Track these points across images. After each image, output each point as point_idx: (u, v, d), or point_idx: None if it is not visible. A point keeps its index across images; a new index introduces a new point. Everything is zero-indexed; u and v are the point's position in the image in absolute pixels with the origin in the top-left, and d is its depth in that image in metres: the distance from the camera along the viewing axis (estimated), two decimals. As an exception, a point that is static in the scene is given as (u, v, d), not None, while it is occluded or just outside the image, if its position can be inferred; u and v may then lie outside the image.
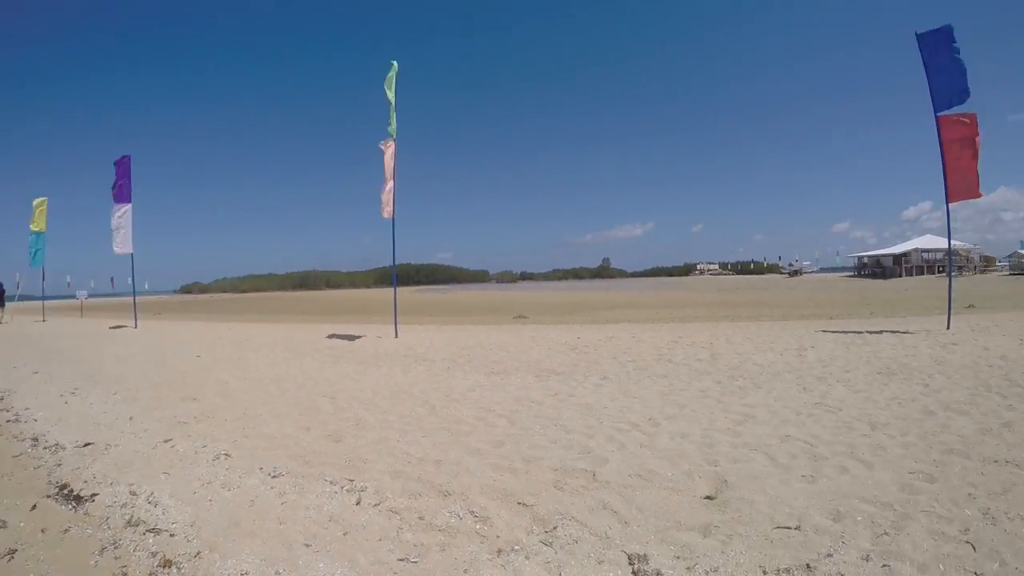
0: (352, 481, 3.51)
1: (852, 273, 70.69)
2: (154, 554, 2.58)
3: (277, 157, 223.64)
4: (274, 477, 3.64)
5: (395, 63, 12.90)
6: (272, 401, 6.12)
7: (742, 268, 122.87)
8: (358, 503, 3.17)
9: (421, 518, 2.93)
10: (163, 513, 3.06)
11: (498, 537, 2.72)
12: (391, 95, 12.88)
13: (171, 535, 2.78)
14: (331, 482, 3.51)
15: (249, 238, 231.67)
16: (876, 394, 5.65)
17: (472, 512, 2.99)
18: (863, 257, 69.65)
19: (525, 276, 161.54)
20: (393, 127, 12.97)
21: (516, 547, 2.61)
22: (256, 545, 2.65)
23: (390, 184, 12.95)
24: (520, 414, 5.22)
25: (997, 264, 58.32)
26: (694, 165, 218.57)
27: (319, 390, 6.74)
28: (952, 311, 11.33)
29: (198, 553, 2.58)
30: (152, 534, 2.79)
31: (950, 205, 10.76)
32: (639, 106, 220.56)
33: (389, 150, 12.95)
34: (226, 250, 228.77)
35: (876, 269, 62.30)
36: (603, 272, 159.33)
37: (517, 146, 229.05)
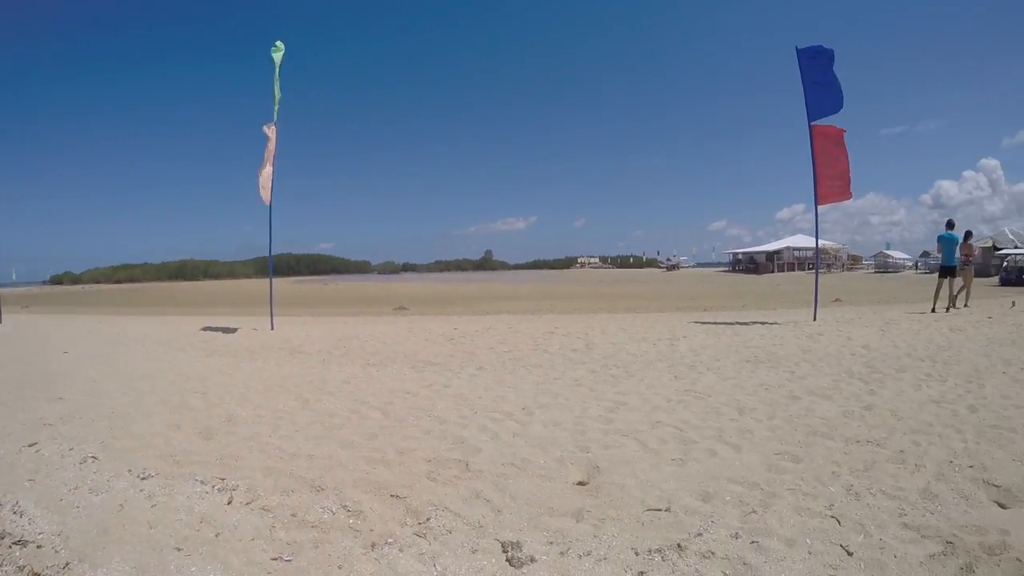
0: (223, 480, 3.41)
1: (727, 268, 75.16)
2: (21, 568, 2.45)
3: (151, 141, 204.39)
4: (143, 479, 3.46)
5: (280, 44, 12.30)
6: (142, 399, 5.77)
7: (622, 262, 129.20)
8: (230, 502, 3.10)
9: (294, 515, 2.91)
10: (29, 523, 2.86)
11: (372, 531, 2.71)
12: (276, 78, 12.35)
13: (38, 546, 2.62)
14: (202, 482, 3.39)
15: (123, 225, 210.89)
16: (744, 381, 5.81)
17: (345, 506, 2.99)
18: (738, 254, 74.33)
19: (408, 267, 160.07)
20: (276, 110, 12.49)
21: (390, 540, 2.61)
22: (126, 552, 2.56)
23: (268, 168, 12.41)
24: (394, 406, 5.24)
25: (863, 262, 64.13)
26: (577, 163, 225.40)
27: (190, 386, 6.42)
28: (819, 304, 12.03)
29: (67, 564, 2.47)
30: (19, 547, 2.62)
31: (820, 208, 11.54)
32: (522, 106, 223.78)
33: (272, 134, 12.45)
34: (98, 238, 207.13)
35: (750, 265, 66.39)
36: (486, 264, 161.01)
37: (400, 142, 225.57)
